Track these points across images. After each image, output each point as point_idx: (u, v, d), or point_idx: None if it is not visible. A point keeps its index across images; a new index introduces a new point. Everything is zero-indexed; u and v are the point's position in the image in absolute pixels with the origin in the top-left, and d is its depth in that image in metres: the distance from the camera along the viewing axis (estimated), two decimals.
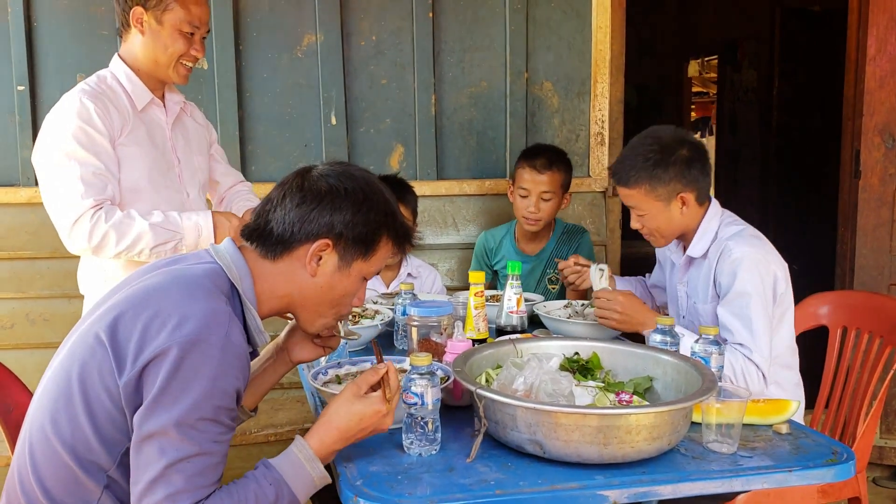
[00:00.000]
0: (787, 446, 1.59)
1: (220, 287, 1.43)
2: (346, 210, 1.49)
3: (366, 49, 3.28)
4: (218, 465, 1.34)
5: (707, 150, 2.28)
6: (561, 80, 3.40)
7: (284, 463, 1.41)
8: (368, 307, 2.48)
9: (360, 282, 1.57)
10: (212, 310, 1.35)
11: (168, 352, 1.29)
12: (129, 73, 2.29)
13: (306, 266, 1.49)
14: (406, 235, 1.61)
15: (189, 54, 2.28)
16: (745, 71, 6.77)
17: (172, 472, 1.28)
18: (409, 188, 2.90)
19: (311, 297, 1.53)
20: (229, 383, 1.33)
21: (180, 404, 1.28)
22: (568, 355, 1.81)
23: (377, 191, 1.55)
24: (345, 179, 1.51)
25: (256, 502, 1.35)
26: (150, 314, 1.33)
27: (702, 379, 1.56)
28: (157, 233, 2.17)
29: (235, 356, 1.34)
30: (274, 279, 1.51)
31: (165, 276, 1.44)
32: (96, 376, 1.34)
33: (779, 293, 2.14)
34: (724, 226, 2.24)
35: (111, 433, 1.34)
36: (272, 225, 1.49)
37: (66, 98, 2.22)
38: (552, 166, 2.91)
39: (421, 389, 1.48)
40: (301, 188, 1.50)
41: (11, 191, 3.11)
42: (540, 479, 1.40)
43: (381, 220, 1.53)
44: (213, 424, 1.32)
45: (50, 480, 1.37)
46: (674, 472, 1.46)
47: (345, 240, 1.50)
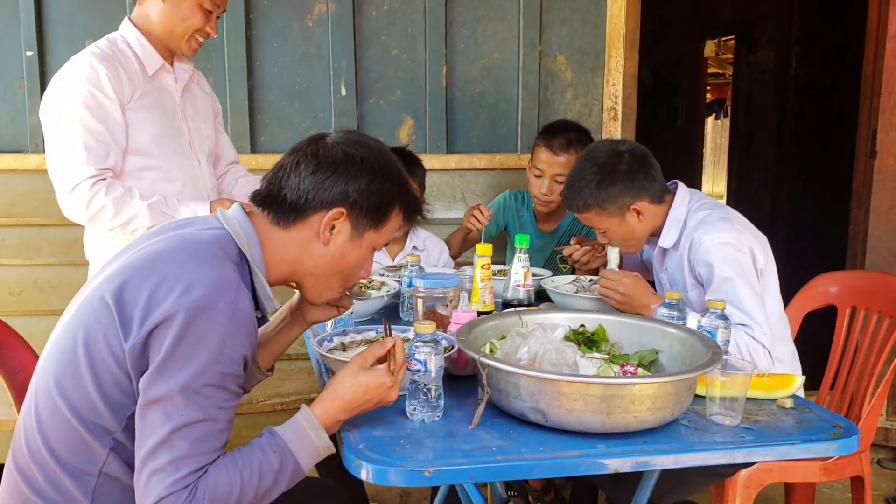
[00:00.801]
0: (791, 420, 1.58)
1: (228, 253, 1.42)
2: (361, 179, 1.47)
3: (377, 19, 3.26)
4: (222, 432, 1.34)
5: (647, 152, 2.27)
6: (575, 53, 3.36)
7: (289, 431, 1.41)
8: (374, 279, 2.47)
9: (370, 252, 1.56)
10: (219, 276, 1.34)
11: (175, 317, 1.28)
12: (141, 38, 2.28)
13: (319, 234, 1.48)
14: (416, 207, 1.60)
15: (203, 30, 2.28)
16: (761, 51, 6.69)
17: (177, 437, 1.28)
18: (418, 161, 2.88)
19: (322, 266, 1.52)
20: (236, 350, 1.33)
21: (186, 370, 1.28)
22: (574, 327, 1.80)
23: (391, 161, 1.54)
24: (360, 148, 1.50)
25: (260, 469, 1.35)
26: (157, 279, 1.32)
27: (707, 352, 1.55)
28: (153, 213, 2.18)
29: (242, 323, 1.34)
30: (284, 247, 1.50)
31: (173, 241, 1.43)
32: (102, 340, 1.33)
33: (759, 268, 2.13)
34: (692, 212, 2.24)
35: (117, 396, 1.34)
36: (285, 192, 1.48)
37: (77, 60, 2.21)
38: (570, 148, 2.82)
39: (424, 356, 1.48)
40: (315, 155, 1.48)
41: (20, 157, 3.12)
42: (542, 447, 1.40)
43: (394, 191, 1.52)
44: (218, 391, 1.31)
45: (56, 442, 1.37)
46: (676, 442, 1.46)
47: (359, 209, 1.49)
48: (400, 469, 1.31)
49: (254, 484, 1.34)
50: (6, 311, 3.07)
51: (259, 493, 1.35)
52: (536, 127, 3.28)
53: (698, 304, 2.19)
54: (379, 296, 2.30)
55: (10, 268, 3.18)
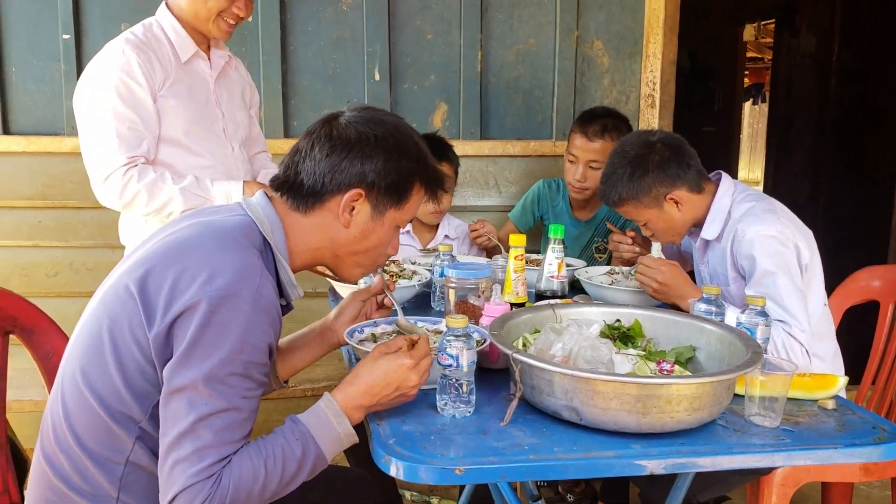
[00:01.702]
0: (833, 422, 1.53)
1: (252, 241, 1.41)
2: (377, 158, 1.45)
3: (412, 3, 3.22)
4: (246, 421, 1.33)
5: (680, 140, 2.22)
6: (612, 38, 3.30)
7: (312, 418, 1.40)
8: (406, 267, 2.46)
9: (394, 230, 1.55)
10: (243, 264, 1.33)
11: (198, 306, 1.27)
12: (175, 24, 2.27)
13: (339, 217, 1.47)
14: (438, 181, 1.57)
15: (230, 11, 2.24)
16: (803, 36, 6.54)
17: (201, 426, 1.27)
18: (450, 147, 2.85)
19: (346, 248, 1.51)
20: (260, 338, 1.32)
21: (210, 359, 1.27)
22: (609, 322, 1.77)
23: (407, 136, 1.51)
24: (374, 126, 1.47)
25: (284, 457, 1.34)
26: (181, 268, 1.32)
27: (747, 350, 1.51)
28: (186, 197, 2.18)
29: (266, 311, 1.32)
30: (306, 232, 1.49)
31: (197, 229, 1.41)
32: (126, 328, 1.33)
33: (804, 263, 2.08)
34: (737, 203, 2.19)
35: (142, 385, 1.34)
36: (302, 177, 1.46)
37: (110, 47, 2.21)
38: (605, 134, 2.77)
39: (456, 351, 1.45)
40: (329, 137, 1.46)
41: (56, 140, 3.14)
42: (575, 446, 1.37)
43: (412, 167, 1.50)
44: (242, 379, 1.30)
45: (82, 430, 1.37)
46: (714, 443, 1.42)
47: (377, 189, 1.47)
48: (430, 467, 1.29)
49: (277, 472, 1.33)
50: (41, 293, 3.11)
51: (283, 481, 1.34)
52: (572, 114, 3.24)
53: (739, 297, 2.15)
54: (410, 285, 2.28)
55: (46, 249, 3.21)
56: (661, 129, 2.80)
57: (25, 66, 3.13)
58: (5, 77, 3.13)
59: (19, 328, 1.81)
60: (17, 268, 3.21)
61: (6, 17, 3.09)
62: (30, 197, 3.17)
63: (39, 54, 3.12)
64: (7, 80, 3.13)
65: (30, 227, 3.19)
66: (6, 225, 3.18)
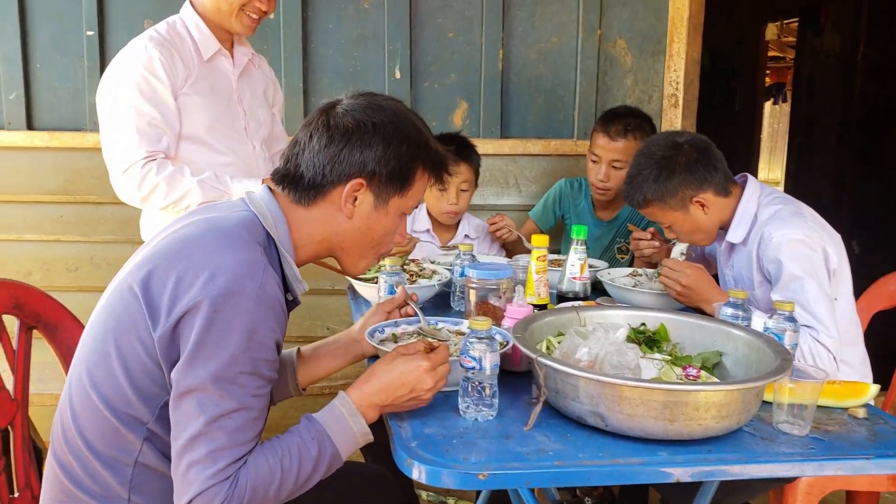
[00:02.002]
0: (864, 432, 1.50)
1: (254, 236, 1.39)
2: (376, 146, 1.43)
3: (433, 1, 3.20)
4: (257, 420, 1.32)
5: (707, 142, 2.19)
6: (635, 37, 3.27)
7: (327, 416, 1.39)
8: (426, 266, 2.44)
9: (399, 217, 1.52)
10: (245, 261, 1.31)
11: (200, 305, 1.25)
12: (199, 22, 2.27)
13: (342, 208, 1.45)
14: (442, 164, 1.54)
15: (252, 4, 2.23)
16: (827, 35, 6.46)
17: (214, 428, 1.26)
18: (472, 147, 2.82)
19: (351, 239, 1.49)
20: (266, 335, 1.30)
21: (217, 359, 1.25)
22: (634, 326, 1.74)
23: (406, 121, 1.48)
24: (372, 112, 1.44)
25: (300, 456, 1.33)
26: (183, 267, 1.30)
27: (776, 357, 1.48)
28: (205, 189, 2.18)
29: (270, 307, 1.30)
30: (310, 225, 1.47)
31: (199, 226, 1.39)
32: (131, 330, 1.32)
33: (832, 268, 2.04)
34: (763, 207, 2.15)
35: (148, 386, 1.33)
36: (302, 169, 1.44)
37: (133, 44, 2.21)
38: (627, 134, 2.74)
39: (479, 353, 1.43)
40: (327, 127, 1.43)
41: (79, 135, 3.16)
42: (600, 453, 1.35)
43: (413, 153, 1.47)
44: (251, 378, 1.29)
45: (90, 433, 1.36)
46: (741, 451, 1.39)
47: (379, 177, 1.44)
48: (453, 471, 1.27)
49: (294, 471, 1.32)
50: (63, 287, 3.13)
51: (299, 480, 1.34)
52: (594, 113, 3.21)
53: (764, 301, 2.11)
54: (430, 284, 2.27)
55: (68, 244, 3.23)
56: (686, 130, 2.77)
57: (50, 63, 3.16)
58: (30, 73, 3.16)
59: (42, 323, 1.81)
60: (39, 262, 3.23)
61: (31, 13, 3.12)
62: (52, 192, 3.20)
63: (63, 50, 3.14)
64: (31, 76, 3.16)
65: (52, 222, 3.22)
66: (29, 219, 3.21)
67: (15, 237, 3.22)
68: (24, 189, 3.19)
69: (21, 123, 3.16)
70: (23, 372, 1.77)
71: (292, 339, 3.21)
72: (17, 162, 3.18)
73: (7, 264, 3.23)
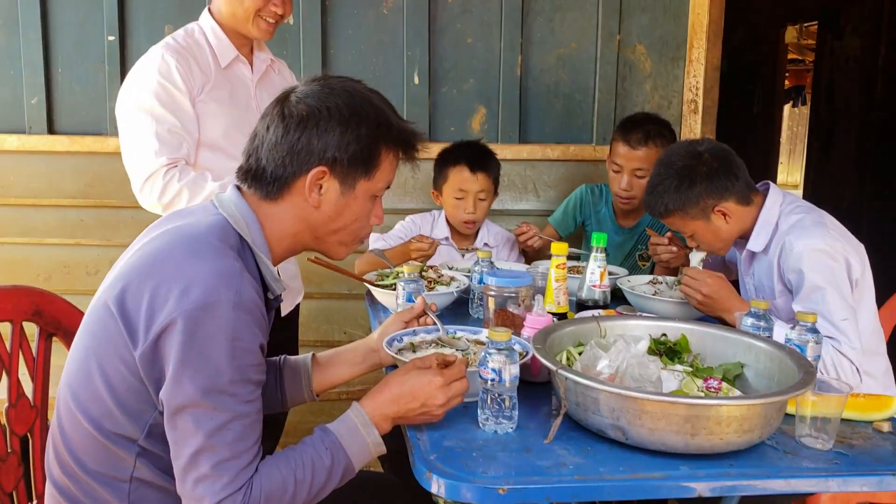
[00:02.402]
0: (890, 446, 1.48)
1: (226, 241, 1.36)
2: (333, 131, 1.38)
3: (452, 7, 3.20)
4: (255, 424, 1.31)
5: (728, 151, 2.17)
6: (655, 43, 3.25)
7: (341, 428, 1.39)
8: (444, 273, 2.44)
9: (371, 200, 1.48)
10: (218, 270, 1.28)
11: (176, 321, 1.23)
12: (216, 29, 2.28)
13: (308, 199, 1.41)
14: (408, 141, 1.49)
15: (268, 9, 2.22)
16: (847, 38, 6.41)
17: (214, 441, 1.25)
18: (493, 155, 2.81)
19: (323, 228, 1.46)
20: (249, 341, 1.28)
21: (204, 373, 1.24)
22: (655, 336, 1.73)
23: (363, 101, 1.43)
24: (325, 97, 1.40)
25: (313, 466, 1.33)
26: (155, 283, 1.28)
27: (798, 369, 1.47)
28: None
29: (249, 312, 1.28)
30: (282, 220, 1.44)
31: (170, 237, 1.37)
32: (111, 349, 1.30)
33: (854, 278, 2.02)
34: (785, 216, 2.14)
35: (134, 404, 1.31)
36: (264, 163, 1.41)
37: (151, 53, 2.22)
38: (648, 142, 2.72)
39: (499, 365, 1.42)
40: (282, 116, 1.40)
41: (100, 140, 3.18)
42: (621, 467, 1.34)
43: (374, 133, 1.42)
44: (241, 385, 1.27)
45: (82, 453, 1.36)
46: (764, 466, 1.38)
47: (340, 163, 1.40)
48: (472, 485, 1.26)
49: (307, 481, 1.32)
50: (82, 290, 3.13)
51: (312, 491, 1.33)
52: (613, 119, 3.20)
53: (785, 311, 2.10)
54: (448, 292, 2.26)
55: (88, 248, 3.25)
56: (706, 138, 2.74)
57: (71, 67, 3.18)
58: (51, 78, 3.18)
59: (62, 330, 1.82)
60: (59, 265, 3.25)
61: (53, 19, 3.15)
62: (72, 195, 3.22)
63: (85, 55, 3.17)
64: (53, 81, 3.19)
65: (72, 226, 3.24)
66: (49, 223, 3.23)
67: (35, 240, 3.24)
68: (44, 193, 3.21)
69: (42, 128, 3.18)
70: (42, 379, 1.78)
71: (310, 343, 3.21)
72: (38, 166, 3.20)
73: (27, 267, 3.26)
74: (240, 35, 2.30)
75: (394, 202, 3.25)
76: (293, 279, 2.47)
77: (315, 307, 3.25)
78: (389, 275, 2.40)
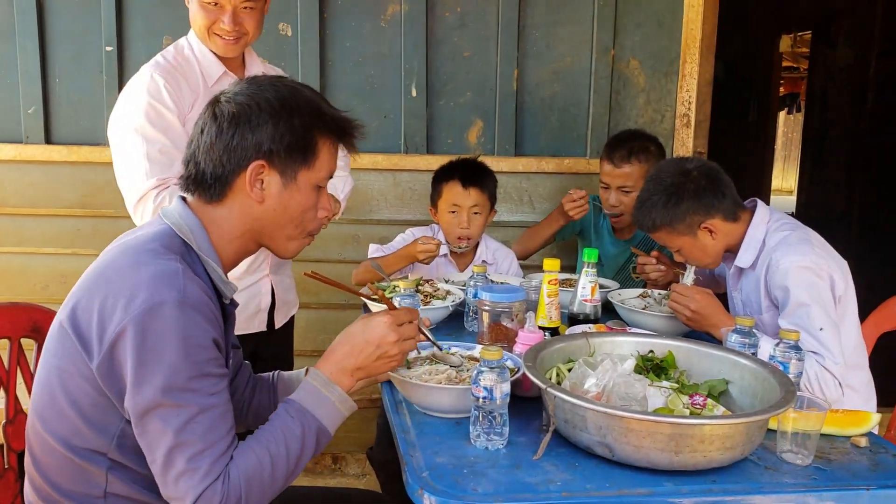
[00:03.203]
0: (866, 461, 1.53)
1: (169, 247, 1.38)
2: (265, 124, 1.40)
3: (450, 20, 3.24)
4: (225, 414, 1.33)
5: (716, 169, 2.22)
6: (648, 58, 3.30)
7: (302, 394, 1.43)
8: (440, 287, 2.47)
9: (315, 191, 1.49)
10: (159, 273, 1.30)
11: (126, 329, 1.26)
12: (201, 46, 2.29)
13: (251, 194, 1.43)
14: (343, 128, 1.50)
15: (217, 26, 2.22)
16: (840, 48, 6.47)
17: (184, 436, 1.27)
18: (487, 171, 2.82)
19: (271, 223, 1.47)
20: (201, 336, 1.30)
21: (160, 373, 1.26)
22: (642, 353, 1.78)
23: (294, 92, 1.45)
24: (255, 93, 1.42)
25: (285, 437, 1.36)
26: (102, 296, 1.31)
27: (780, 388, 1.51)
28: None
29: (196, 308, 1.30)
30: (228, 222, 1.45)
31: (115, 251, 1.41)
32: (70, 366, 1.34)
33: (837, 294, 2.07)
34: (772, 233, 2.19)
35: (99, 417, 1.34)
36: (202, 166, 1.42)
37: (141, 72, 2.23)
38: (631, 158, 2.79)
39: (490, 383, 1.46)
40: (214, 118, 1.42)
41: (97, 150, 3.20)
42: (608, 483, 1.38)
43: (307, 122, 1.43)
44: (200, 380, 1.30)
45: (55, 476, 1.39)
46: (745, 482, 1.42)
47: (277, 154, 1.41)
48: (463, 503, 1.30)
49: (282, 453, 1.35)
50: None
51: (291, 461, 1.36)
52: (607, 132, 3.25)
53: (772, 326, 2.14)
54: (444, 306, 2.30)
55: (85, 257, 3.26)
56: (696, 156, 2.80)
57: (68, 78, 3.21)
58: (49, 88, 3.20)
59: None
60: (56, 275, 3.28)
61: (51, 29, 3.17)
62: (69, 205, 3.25)
63: (82, 66, 3.19)
64: (50, 91, 3.21)
65: (69, 235, 3.26)
66: (47, 232, 3.26)
67: (32, 250, 3.27)
68: (41, 202, 3.24)
69: (40, 137, 3.21)
70: None
71: (306, 353, 3.25)
72: (35, 175, 3.23)
73: (24, 277, 3.28)
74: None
75: (392, 214, 3.29)
76: (288, 292, 2.50)
77: (312, 317, 3.29)
78: (386, 289, 2.44)
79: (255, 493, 1.32)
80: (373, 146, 3.27)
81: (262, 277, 2.37)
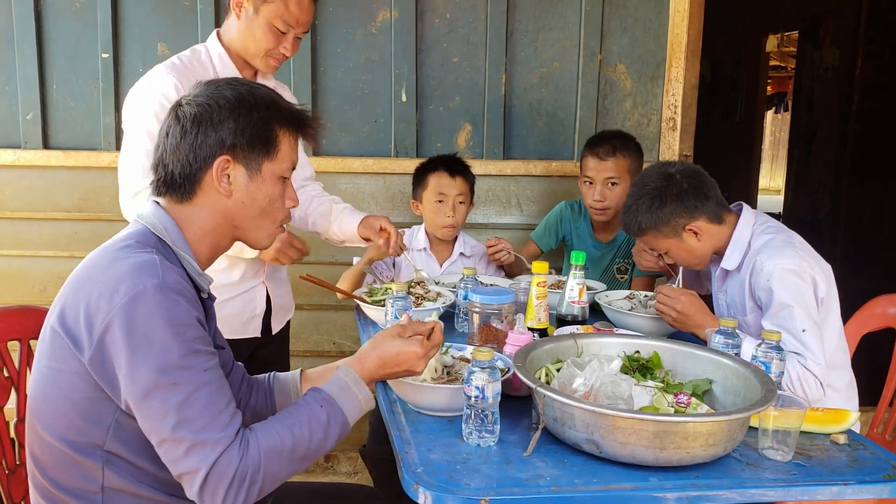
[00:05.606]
0: (844, 457, 1.59)
1: (144, 243, 1.44)
2: (227, 121, 1.47)
3: (439, 26, 3.29)
4: (222, 388, 1.39)
5: (699, 172, 2.28)
6: (635, 62, 3.36)
7: (333, 387, 1.50)
8: (431, 289, 2.53)
9: (280, 182, 1.56)
10: (137, 264, 1.36)
11: (113, 321, 1.32)
12: (223, 54, 2.32)
13: (219, 189, 1.49)
14: (300, 120, 1.57)
15: (277, 51, 2.28)
16: (826, 49, 6.55)
17: (185, 414, 1.32)
18: (466, 165, 2.92)
19: (240, 216, 1.53)
20: (186, 316, 1.36)
21: (153, 356, 1.31)
22: (629, 353, 1.83)
23: (252, 90, 1.53)
24: (213, 93, 1.49)
25: (310, 423, 1.42)
26: (87, 293, 1.36)
27: (761, 386, 1.57)
28: None
29: (178, 291, 1.36)
30: (199, 219, 1.51)
31: (95, 253, 1.47)
32: (63, 365, 1.39)
33: (820, 297, 2.13)
34: (756, 235, 2.24)
35: (94, 410, 1.39)
36: (171, 168, 1.49)
37: (155, 70, 2.25)
38: (616, 152, 2.88)
39: (482, 383, 1.52)
40: (178, 120, 1.49)
41: (93, 155, 3.24)
42: (595, 479, 1.44)
43: (266, 115, 1.50)
44: (192, 357, 1.34)
45: (53, 472, 1.44)
46: (728, 477, 1.48)
47: (241, 148, 1.48)
48: (457, 496, 1.36)
49: (305, 436, 1.41)
50: None
51: (312, 445, 1.42)
52: None
53: (756, 327, 2.20)
54: (435, 307, 2.35)
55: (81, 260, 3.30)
56: (680, 160, 2.86)
57: (66, 84, 3.25)
58: (46, 94, 3.25)
59: None
60: (54, 277, 3.32)
61: (49, 36, 3.21)
62: (67, 209, 3.29)
63: (79, 72, 3.23)
64: (48, 97, 3.25)
65: (67, 239, 3.31)
66: (45, 236, 3.30)
67: (31, 253, 3.31)
68: (39, 206, 3.29)
69: (37, 142, 3.25)
70: None
71: (300, 353, 3.30)
72: (32, 180, 3.27)
73: (22, 279, 3.33)
74: (246, 64, 2.36)
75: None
76: (284, 297, 2.54)
77: (305, 318, 3.34)
78: (378, 290, 2.49)
79: (273, 468, 1.37)
80: (363, 150, 3.34)
81: (258, 284, 2.41)
